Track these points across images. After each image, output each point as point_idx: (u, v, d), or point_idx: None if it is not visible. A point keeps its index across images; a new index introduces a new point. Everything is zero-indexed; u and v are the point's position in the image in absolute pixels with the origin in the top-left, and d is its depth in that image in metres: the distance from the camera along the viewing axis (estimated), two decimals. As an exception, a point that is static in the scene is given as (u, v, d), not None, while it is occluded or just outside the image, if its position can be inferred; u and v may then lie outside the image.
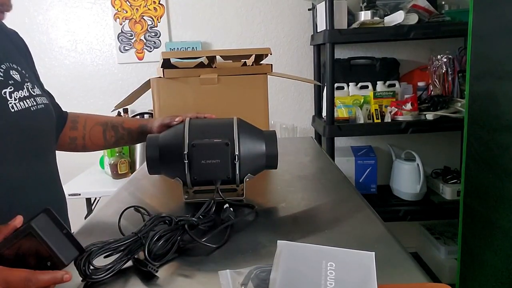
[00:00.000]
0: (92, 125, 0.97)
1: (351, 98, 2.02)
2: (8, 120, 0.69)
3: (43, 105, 0.78)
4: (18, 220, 0.54)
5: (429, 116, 1.90)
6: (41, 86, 0.88)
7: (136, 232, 0.63)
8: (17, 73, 0.75)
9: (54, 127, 0.85)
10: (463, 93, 1.69)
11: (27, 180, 0.74)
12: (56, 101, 0.96)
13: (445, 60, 2.03)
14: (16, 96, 0.72)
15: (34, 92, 0.77)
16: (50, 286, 0.50)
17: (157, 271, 0.58)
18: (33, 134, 0.75)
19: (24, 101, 0.73)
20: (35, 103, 0.76)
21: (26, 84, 0.76)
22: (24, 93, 0.74)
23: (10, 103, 0.70)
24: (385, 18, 1.89)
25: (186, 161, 0.78)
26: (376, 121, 1.93)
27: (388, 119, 1.93)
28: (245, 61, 1.18)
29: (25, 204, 0.72)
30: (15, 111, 0.70)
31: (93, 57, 2.30)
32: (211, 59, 1.12)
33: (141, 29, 2.24)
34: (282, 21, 2.26)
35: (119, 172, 2.00)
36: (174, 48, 2.23)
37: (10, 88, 0.71)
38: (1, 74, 0.72)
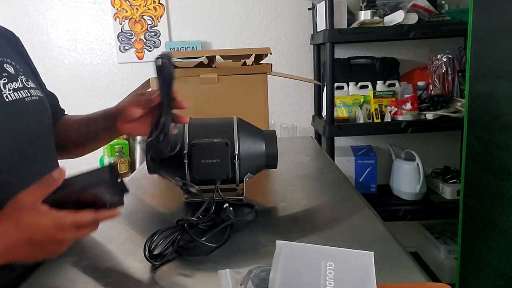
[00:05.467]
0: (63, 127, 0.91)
1: (351, 98, 2.02)
2: (2, 110, 0.69)
3: (37, 97, 0.78)
4: (63, 172, 0.57)
5: (429, 115, 1.90)
6: (38, 82, 0.86)
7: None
8: (11, 67, 0.75)
9: (51, 122, 0.83)
10: (463, 93, 1.69)
11: (25, 172, 0.71)
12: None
13: (445, 59, 2.03)
14: (10, 87, 0.72)
15: (28, 85, 0.77)
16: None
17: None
18: (28, 126, 0.74)
19: (18, 92, 0.73)
20: (29, 95, 0.76)
21: (20, 77, 0.76)
22: (18, 84, 0.74)
23: (4, 93, 0.70)
24: (385, 17, 1.88)
25: (186, 161, 0.78)
26: (376, 120, 1.93)
27: (388, 118, 1.93)
28: (245, 61, 1.18)
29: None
30: (9, 101, 0.71)
31: (93, 56, 2.29)
32: (211, 59, 1.12)
33: (141, 29, 2.24)
34: (282, 21, 2.26)
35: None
36: (174, 48, 2.23)
37: (4, 80, 0.72)
38: None
